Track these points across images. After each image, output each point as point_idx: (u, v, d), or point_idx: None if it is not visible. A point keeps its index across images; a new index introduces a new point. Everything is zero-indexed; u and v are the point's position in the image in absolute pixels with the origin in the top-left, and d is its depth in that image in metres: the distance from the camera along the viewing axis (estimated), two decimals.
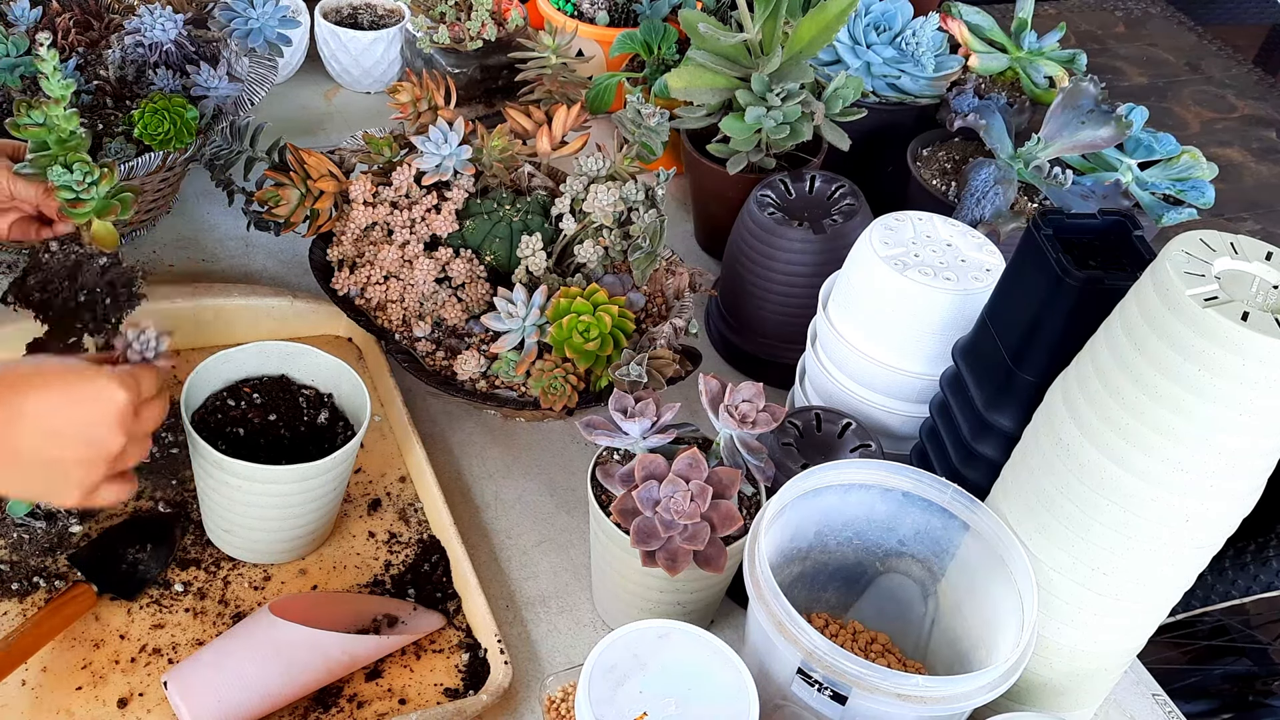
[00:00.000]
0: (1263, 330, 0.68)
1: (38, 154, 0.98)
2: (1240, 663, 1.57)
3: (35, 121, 0.96)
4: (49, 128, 0.97)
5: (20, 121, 0.96)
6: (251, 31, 1.31)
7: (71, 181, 0.96)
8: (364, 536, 1.06)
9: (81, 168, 0.96)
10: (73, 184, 0.96)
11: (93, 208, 0.98)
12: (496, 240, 1.16)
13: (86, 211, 0.98)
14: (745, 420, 0.91)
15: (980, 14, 1.44)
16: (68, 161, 0.96)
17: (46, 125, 0.96)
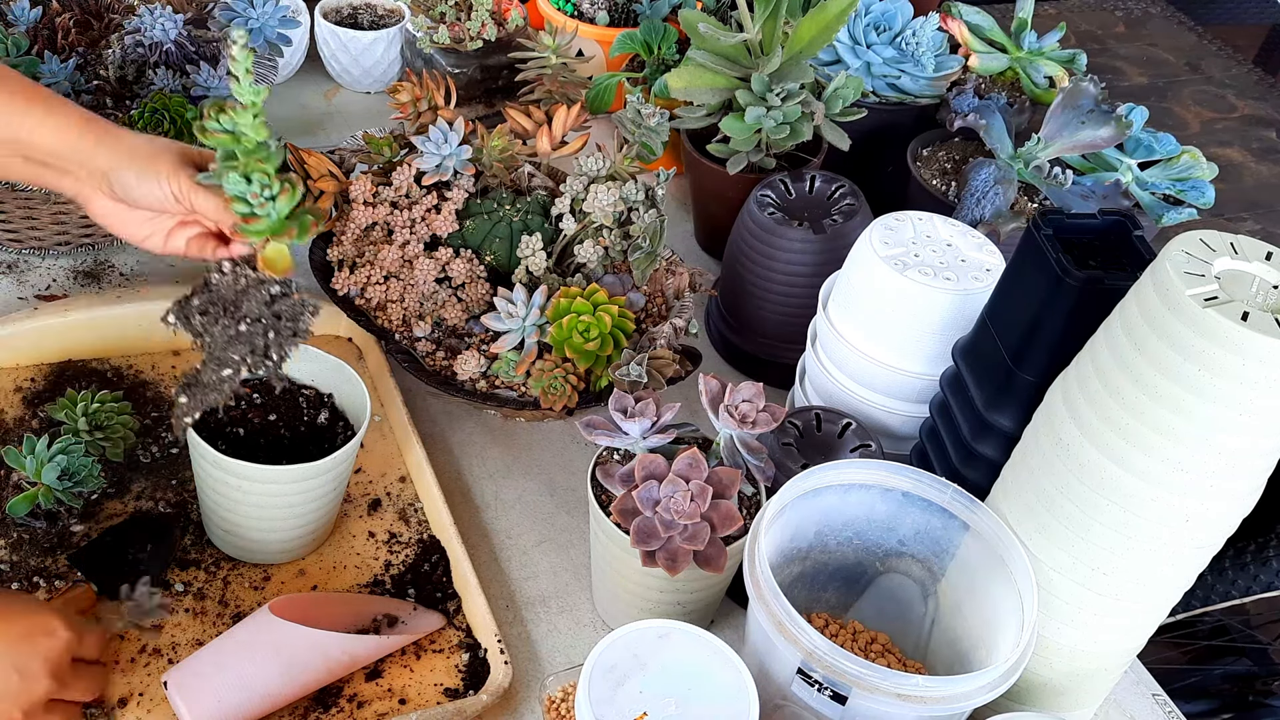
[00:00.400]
0: (1263, 330, 0.68)
1: (224, 163, 0.86)
2: (1240, 663, 1.57)
3: (223, 128, 0.84)
4: (237, 135, 0.85)
5: (208, 126, 0.84)
6: (251, 32, 1.31)
7: (247, 193, 0.85)
8: (364, 536, 1.06)
9: (260, 179, 0.85)
10: (247, 196, 0.85)
11: (267, 226, 0.87)
12: (496, 240, 1.16)
13: (261, 229, 0.87)
14: (745, 420, 0.91)
15: (980, 14, 1.44)
16: (248, 172, 0.85)
17: (235, 133, 0.85)
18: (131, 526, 1.02)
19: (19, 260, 1.28)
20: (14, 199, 1.20)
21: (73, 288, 1.25)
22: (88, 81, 1.30)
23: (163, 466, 1.08)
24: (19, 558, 0.99)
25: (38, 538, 1.00)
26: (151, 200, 0.89)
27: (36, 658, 0.80)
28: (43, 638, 0.81)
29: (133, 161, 0.88)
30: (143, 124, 1.19)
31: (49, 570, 0.98)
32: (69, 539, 1.01)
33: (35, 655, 0.80)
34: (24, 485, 0.99)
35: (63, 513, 1.02)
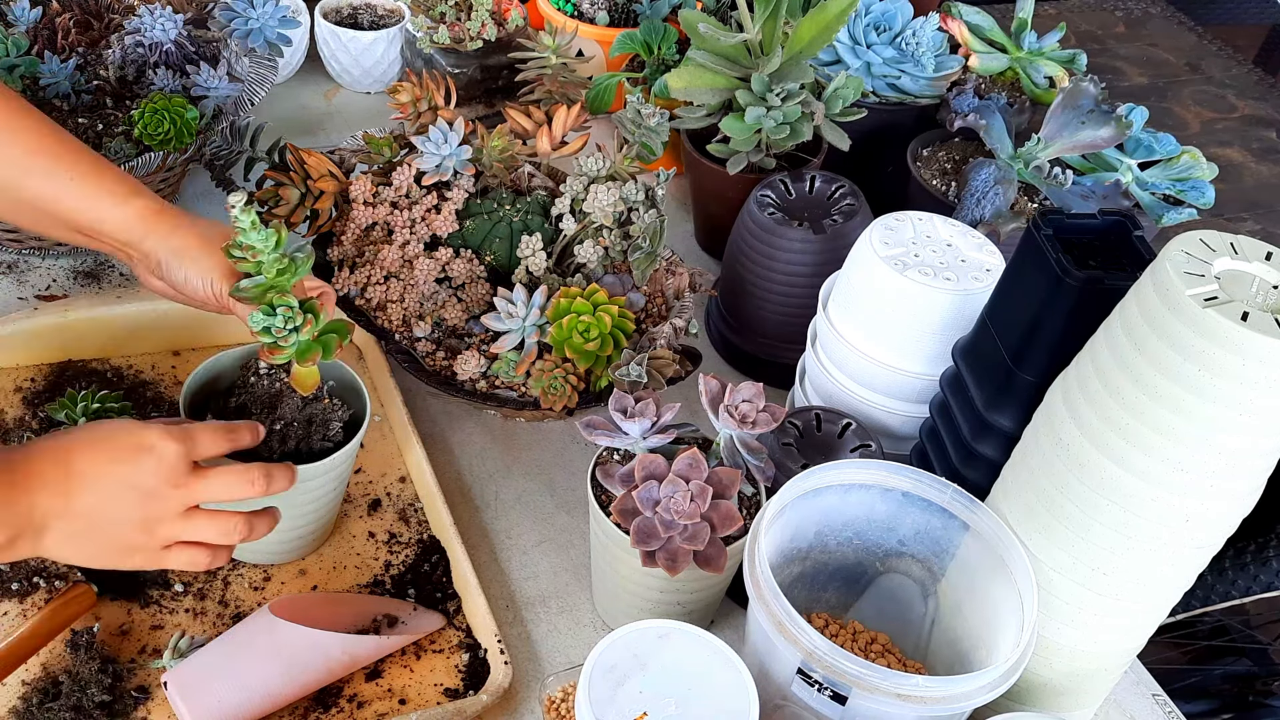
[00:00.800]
0: (1263, 330, 0.68)
1: (250, 283, 0.88)
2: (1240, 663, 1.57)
3: (242, 256, 0.87)
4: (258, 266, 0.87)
5: (232, 253, 0.87)
6: (251, 31, 1.32)
7: (271, 325, 0.87)
8: (364, 537, 1.06)
9: (285, 314, 0.87)
10: (271, 328, 0.87)
11: (292, 353, 0.90)
12: (496, 240, 1.16)
13: (286, 357, 0.90)
14: (745, 420, 0.91)
15: (980, 14, 1.44)
16: (273, 303, 0.88)
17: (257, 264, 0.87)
18: None
19: (19, 260, 1.28)
20: None
21: (73, 288, 1.25)
22: (88, 81, 1.30)
23: None
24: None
25: None
26: (199, 295, 0.95)
27: (147, 474, 0.81)
28: (146, 454, 0.81)
29: (184, 260, 0.93)
30: (143, 124, 1.19)
31: (49, 570, 0.98)
32: None
33: (145, 472, 0.81)
34: None
35: None
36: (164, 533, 0.83)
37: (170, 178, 1.30)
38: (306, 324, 0.89)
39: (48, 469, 0.79)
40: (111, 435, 0.82)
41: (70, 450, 0.81)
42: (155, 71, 1.30)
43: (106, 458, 0.81)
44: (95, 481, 0.80)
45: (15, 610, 0.96)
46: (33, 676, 0.92)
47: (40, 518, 0.79)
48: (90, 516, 0.80)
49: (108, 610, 0.97)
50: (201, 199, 1.40)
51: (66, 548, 0.81)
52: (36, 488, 0.79)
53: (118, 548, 0.83)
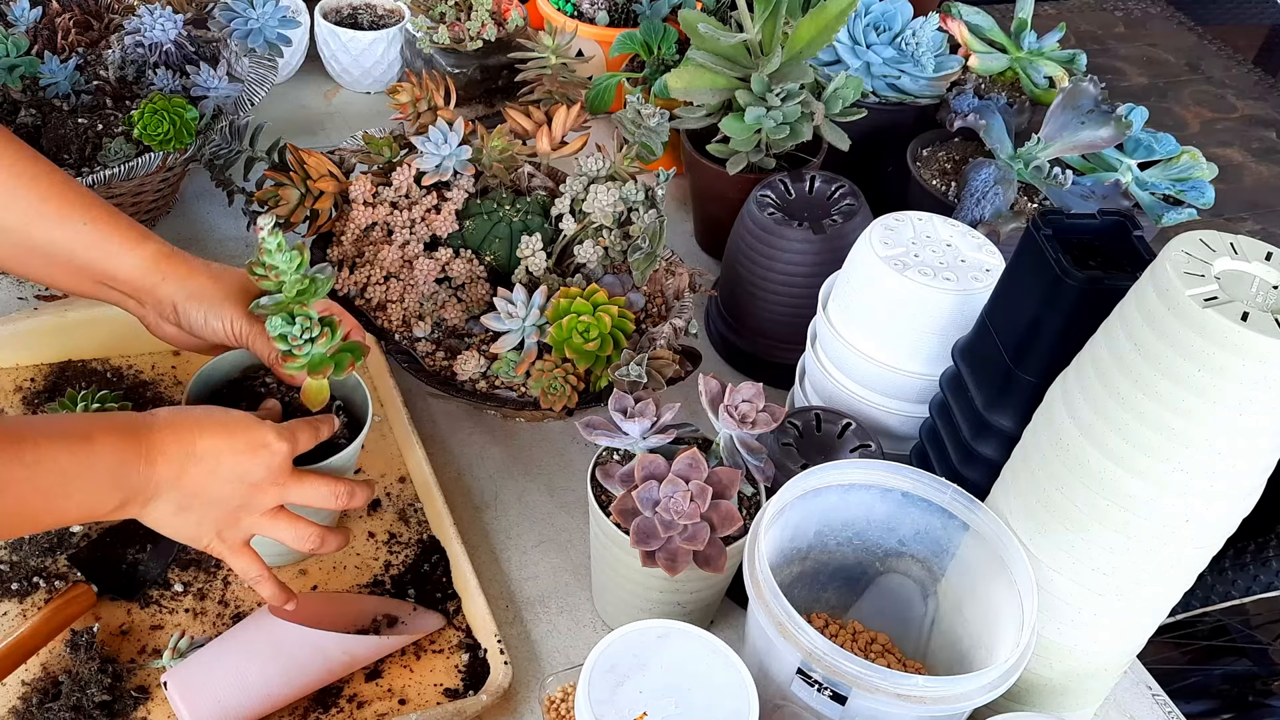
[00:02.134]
0: (1262, 330, 0.68)
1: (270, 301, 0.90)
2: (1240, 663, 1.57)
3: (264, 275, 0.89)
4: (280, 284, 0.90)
5: (255, 271, 0.89)
6: (251, 32, 1.32)
7: (288, 333, 0.89)
8: (364, 537, 1.06)
9: (302, 324, 0.90)
10: (288, 336, 0.90)
11: (306, 364, 0.92)
12: (496, 240, 1.16)
13: (299, 366, 0.92)
14: (745, 420, 0.91)
15: (980, 14, 1.44)
16: (292, 313, 0.90)
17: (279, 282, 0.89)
18: (131, 526, 1.02)
19: None
20: None
21: None
22: (88, 82, 1.30)
23: None
24: (19, 558, 0.99)
25: (37, 538, 1.00)
26: (215, 337, 0.96)
27: (259, 468, 0.86)
28: (261, 450, 0.86)
29: (200, 302, 0.94)
30: (142, 124, 1.19)
31: (49, 570, 0.98)
32: (68, 539, 1.01)
33: (258, 466, 0.86)
34: None
35: None
36: (249, 525, 0.88)
37: (170, 178, 1.30)
38: (322, 336, 0.90)
39: (170, 443, 0.83)
40: (234, 425, 0.87)
41: (195, 429, 0.85)
42: (155, 71, 1.30)
43: (227, 445, 0.85)
44: (213, 465, 0.84)
45: (15, 610, 0.96)
46: (33, 676, 0.92)
47: (154, 487, 0.83)
48: (197, 495, 0.85)
49: (107, 610, 0.97)
50: (201, 199, 1.40)
51: (166, 517, 0.85)
52: (158, 459, 0.82)
53: (208, 528, 0.87)
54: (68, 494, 0.79)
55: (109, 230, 0.94)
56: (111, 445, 0.81)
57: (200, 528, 0.87)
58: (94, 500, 0.81)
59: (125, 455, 0.81)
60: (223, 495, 0.86)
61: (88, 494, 0.80)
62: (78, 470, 0.79)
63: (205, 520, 0.86)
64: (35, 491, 0.77)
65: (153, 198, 1.30)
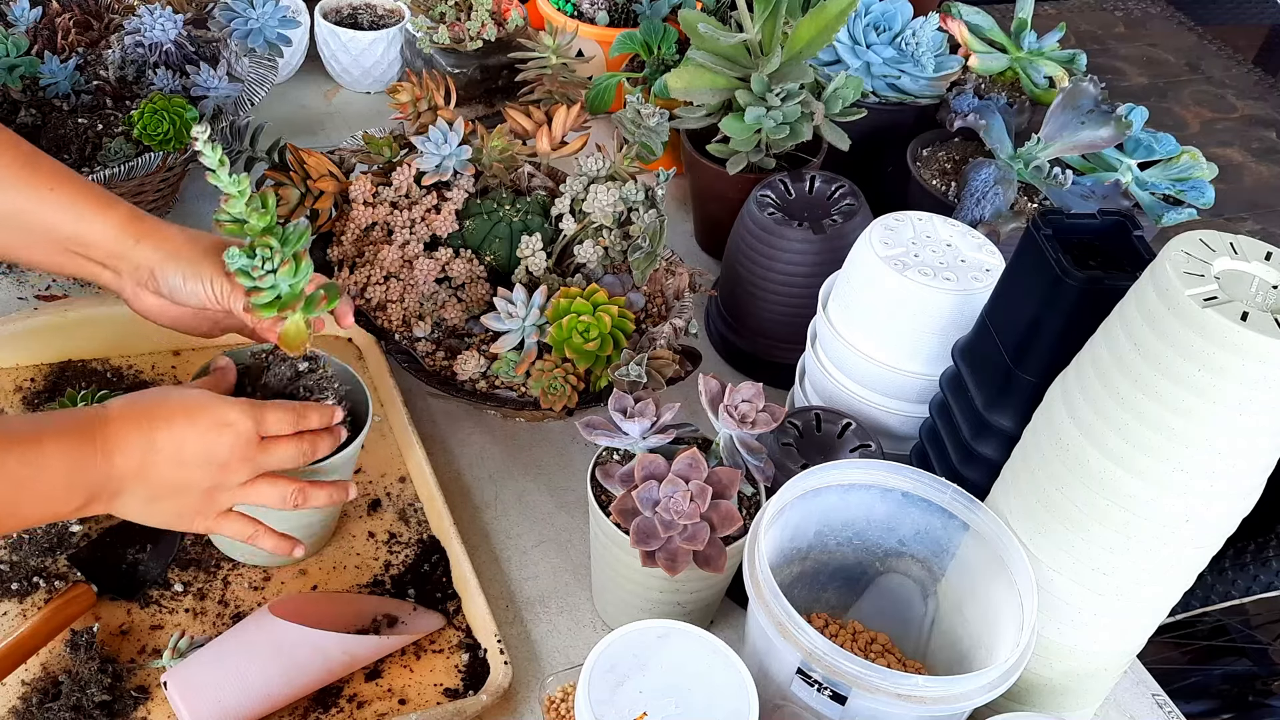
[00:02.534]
0: (1262, 330, 0.68)
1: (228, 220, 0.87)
2: (1240, 663, 1.57)
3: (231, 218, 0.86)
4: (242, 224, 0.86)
5: (219, 219, 0.86)
6: (251, 32, 1.32)
7: (248, 267, 0.85)
8: (364, 537, 1.06)
9: (263, 253, 0.85)
10: (249, 269, 0.85)
11: (273, 299, 0.87)
12: (496, 240, 1.16)
13: (266, 301, 0.87)
14: (745, 420, 0.91)
15: (980, 14, 1.44)
16: (253, 245, 0.85)
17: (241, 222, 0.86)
18: (131, 526, 1.02)
19: None
20: None
21: (73, 288, 1.25)
22: (88, 82, 1.30)
23: None
24: (19, 557, 0.99)
25: (37, 537, 1.00)
26: (195, 300, 0.93)
27: (224, 448, 0.85)
28: (225, 430, 0.85)
29: (179, 262, 0.92)
30: (142, 124, 1.19)
31: (49, 570, 0.98)
32: (68, 539, 1.01)
33: (223, 446, 0.85)
34: None
35: None
36: (225, 500, 0.88)
37: (170, 178, 1.30)
38: (284, 264, 0.86)
39: (129, 434, 0.82)
40: (194, 406, 0.85)
41: (153, 417, 0.83)
42: (155, 71, 1.30)
43: (189, 429, 0.84)
44: (175, 452, 0.83)
45: (15, 610, 0.96)
46: (32, 676, 0.92)
47: (117, 481, 0.82)
48: (165, 483, 0.84)
49: (107, 610, 0.97)
50: (201, 199, 1.40)
51: (139, 509, 0.85)
52: (116, 453, 0.81)
53: (183, 512, 0.87)
54: (19, 500, 0.78)
55: (76, 196, 0.93)
56: (62, 447, 0.79)
57: (179, 515, 0.86)
58: (52, 503, 0.80)
59: (78, 455, 0.80)
60: (192, 480, 0.85)
61: (43, 498, 0.79)
62: (30, 475, 0.78)
63: (181, 507, 0.86)
64: None
65: (153, 198, 1.30)
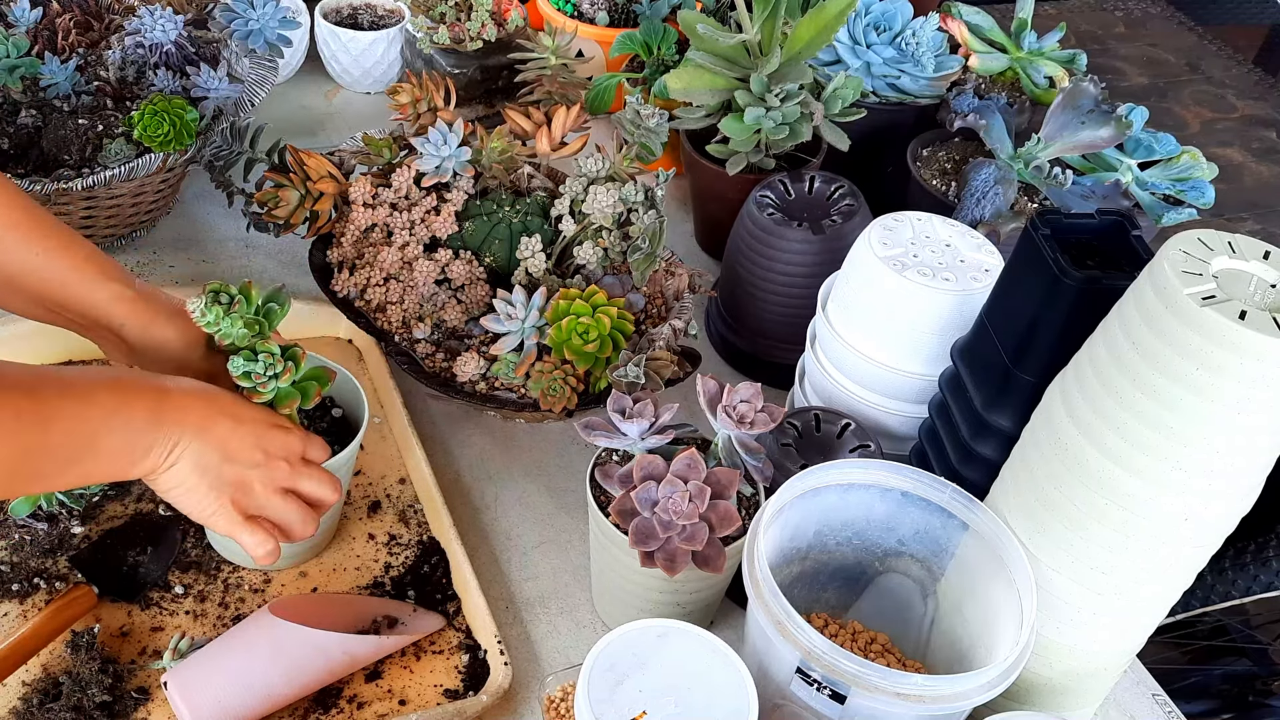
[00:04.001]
0: (1260, 329, 0.68)
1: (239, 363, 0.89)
2: (1240, 663, 1.57)
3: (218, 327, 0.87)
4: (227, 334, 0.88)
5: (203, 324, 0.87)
6: (251, 32, 1.32)
7: (251, 371, 0.88)
8: (364, 538, 1.06)
9: (266, 360, 0.89)
10: (252, 374, 0.88)
11: (270, 398, 0.90)
12: (496, 242, 1.16)
13: (264, 399, 0.90)
14: (743, 421, 0.91)
15: (980, 14, 1.44)
16: (254, 349, 0.89)
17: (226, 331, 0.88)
18: (132, 528, 1.02)
19: None
20: None
21: None
22: (88, 83, 1.30)
23: None
24: (20, 559, 0.99)
25: (39, 539, 1.00)
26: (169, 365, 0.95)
27: (278, 443, 0.88)
28: (280, 431, 0.89)
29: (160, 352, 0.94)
30: (143, 125, 1.20)
31: (49, 572, 0.99)
32: (70, 541, 1.01)
33: (276, 440, 0.88)
34: None
35: (64, 515, 1.02)
36: (259, 497, 0.88)
37: (170, 179, 1.30)
38: (286, 372, 0.90)
39: (191, 401, 0.85)
40: (252, 406, 0.89)
41: (218, 396, 0.87)
42: (155, 72, 1.30)
43: (249, 415, 0.87)
44: (235, 425, 0.86)
45: (15, 611, 0.96)
46: (33, 677, 0.92)
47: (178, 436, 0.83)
48: (219, 449, 0.85)
49: (108, 611, 0.97)
50: (201, 200, 1.40)
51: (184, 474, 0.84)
52: (188, 410, 0.84)
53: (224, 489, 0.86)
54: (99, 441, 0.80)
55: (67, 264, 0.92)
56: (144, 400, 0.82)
57: (216, 488, 0.86)
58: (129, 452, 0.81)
59: (156, 408, 0.82)
60: (243, 456, 0.86)
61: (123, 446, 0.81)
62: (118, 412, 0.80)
63: (223, 480, 0.86)
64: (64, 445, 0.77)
65: (153, 198, 1.30)
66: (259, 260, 1.34)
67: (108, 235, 1.29)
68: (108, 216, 1.27)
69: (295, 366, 0.91)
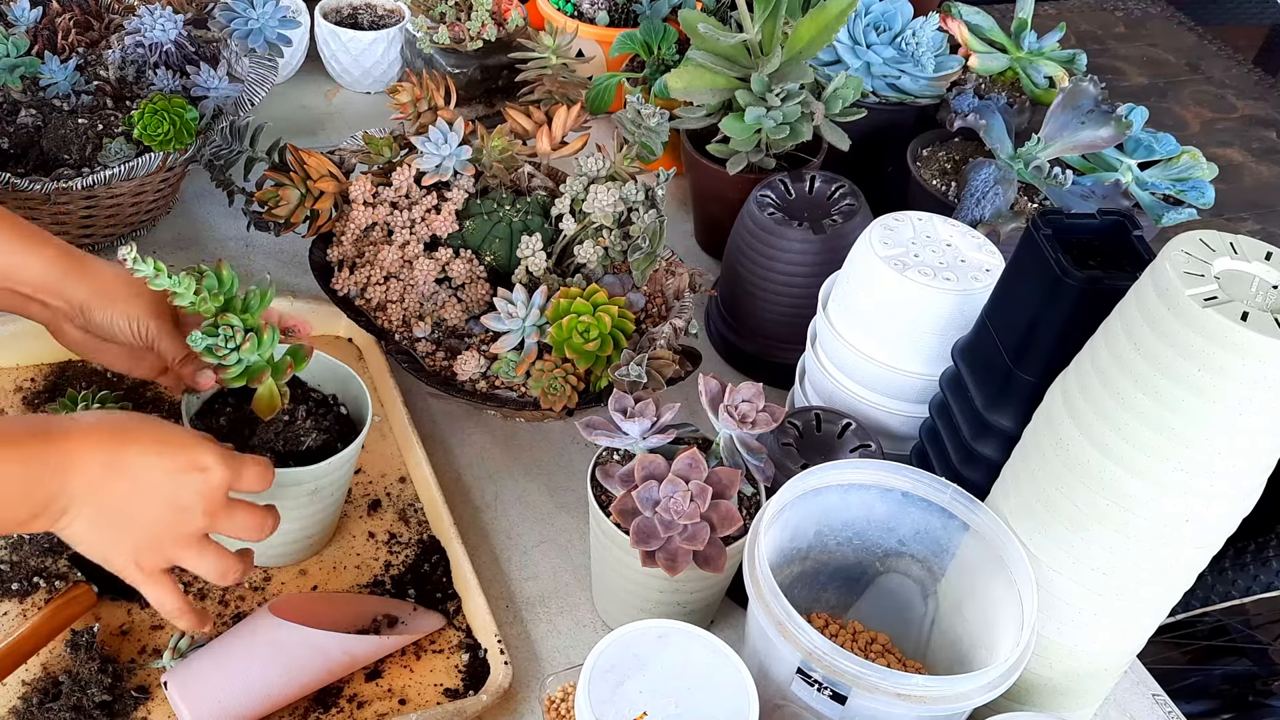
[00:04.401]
0: (1262, 330, 0.68)
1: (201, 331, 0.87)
2: (1240, 663, 1.57)
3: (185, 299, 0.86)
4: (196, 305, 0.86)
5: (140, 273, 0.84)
6: (251, 32, 1.31)
7: (213, 344, 0.85)
8: (364, 537, 1.06)
9: (226, 331, 0.86)
10: (213, 348, 0.85)
11: (239, 374, 0.87)
12: (496, 240, 1.16)
13: (234, 377, 0.87)
14: (745, 420, 0.91)
15: (980, 14, 1.44)
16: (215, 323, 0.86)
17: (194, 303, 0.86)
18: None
19: None
20: (14, 199, 1.20)
21: None
22: (88, 82, 1.30)
23: None
24: (19, 558, 0.99)
25: (38, 538, 1.00)
26: (123, 337, 0.93)
27: (190, 491, 0.80)
28: (196, 473, 0.80)
29: (108, 300, 0.91)
30: (142, 124, 1.19)
31: (49, 570, 0.98)
32: None
33: (189, 489, 0.80)
34: None
35: None
36: (171, 553, 0.82)
37: (170, 178, 1.30)
38: (246, 342, 0.86)
39: (89, 451, 0.77)
40: (170, 440, 0.81)
41: (123, 439, 0.79)
42: (155, 72, 1.30)
43: (158, 462, 0.79)
44: (138, 480, 0.79)
45: (15, 610, 0.96)
46: (33, 676, 0.92)
47: (67, 499, 0.77)
48: (117, 512, 0.79)
49: (108, 610, 0.97)
50: (202, 199, 1.40)
51: (82, 534, 0.79)
52: (74, 470, 0.77)
53: (125, 550, 0.81)
54: None
55: (8, 233, 0.90)
56: (17, 455, 0.75)
57: (116, 548, 0.80)
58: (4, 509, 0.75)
59: (33, 465, 0.75)
60: (146, 517, 0.79)
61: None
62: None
63: (122, 541, 0.80)
64: None
65: (153, 198, 1.30)
66: (259, 259, 1.34)
67: (108, 235, 1.29)
68: (108, 216, 1.27)
69: (258, 337, 0.88)
